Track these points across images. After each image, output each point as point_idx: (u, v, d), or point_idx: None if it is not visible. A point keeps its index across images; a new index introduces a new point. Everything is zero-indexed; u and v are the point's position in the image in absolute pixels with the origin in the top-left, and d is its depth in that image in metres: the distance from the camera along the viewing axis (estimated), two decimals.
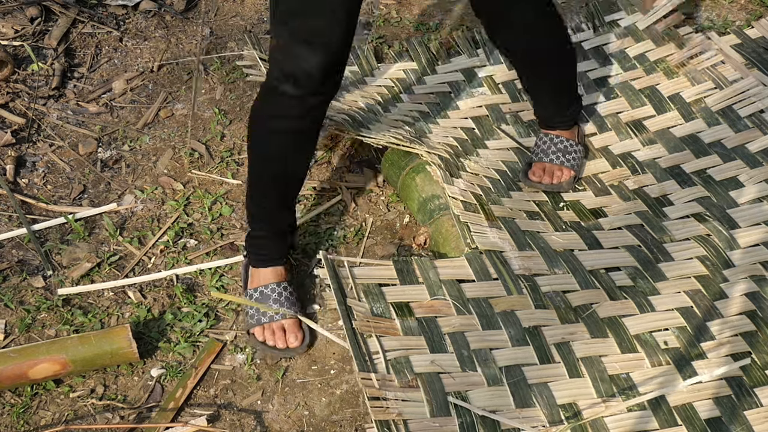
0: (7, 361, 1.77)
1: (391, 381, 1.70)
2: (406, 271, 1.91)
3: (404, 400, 1.67)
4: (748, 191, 2.15)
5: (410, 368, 1.73)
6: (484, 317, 1.84)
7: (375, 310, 1.82)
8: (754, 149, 2.26)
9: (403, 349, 1.75)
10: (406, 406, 1.67)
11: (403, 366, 1.73)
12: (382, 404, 1.66)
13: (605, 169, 2.26)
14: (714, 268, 1.96)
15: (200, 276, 2.05)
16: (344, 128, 2.19)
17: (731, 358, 1.79)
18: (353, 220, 2.20)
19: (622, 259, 1.99)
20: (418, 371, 1.72)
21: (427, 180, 2.14)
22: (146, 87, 2.57)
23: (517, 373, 1.74)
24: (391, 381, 1.70)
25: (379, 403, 1.66)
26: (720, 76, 2.47)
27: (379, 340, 1.76)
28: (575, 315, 1.86)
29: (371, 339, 1.76)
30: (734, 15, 2.80)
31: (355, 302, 1.82)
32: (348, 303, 1.81)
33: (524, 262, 1.95)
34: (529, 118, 2.40)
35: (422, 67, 2.58)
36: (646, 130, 2.35)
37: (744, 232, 2.05)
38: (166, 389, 1.83)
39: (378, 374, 1.70)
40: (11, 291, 2.01)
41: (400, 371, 1.72)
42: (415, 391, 1.69)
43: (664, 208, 2.13)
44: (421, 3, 2.93)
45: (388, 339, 1.77)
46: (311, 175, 2.31)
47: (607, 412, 1.69)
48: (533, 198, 2.17)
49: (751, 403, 1.72)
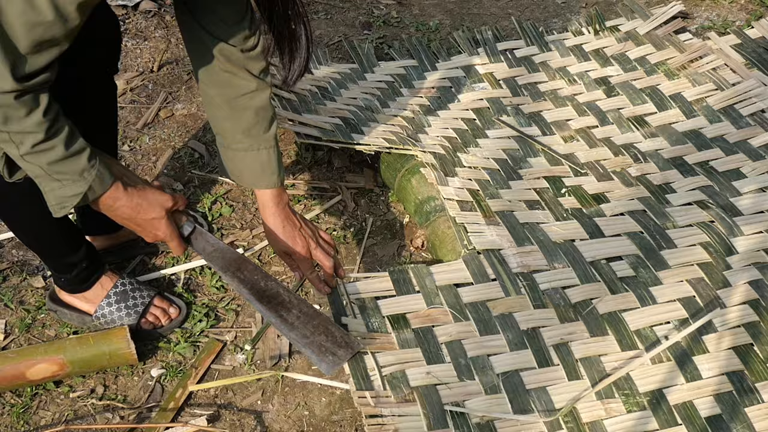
0: (5, 361, 1.77)
1: (387, 397, 1.69)
2: (402, 281, 1.90)
3: (401, 415, 1.66)
4: (750, 182, 2.16)
5: (406, 382, 1.71)
6: (481, 322, 1.83)
7: (371, 326, 1.81)
8: (756, 144, 2.27)
9: (399, 364, 1.74)
10: (402, 421, 1.65)
11: (400, 381, 1.71)
12: (379, 421, 1.65)
13: (607, 157, 2.27)
14: (717, 255, 1.96)
15: (200, 276, 2.05)
16: (335, 138, 2.17)
17: (733, 351, 1.79)
18: (353, 220, 2.20)
19: (623, 248, 1.99)
20: (414, 385, 1.71)
21: (423, 182, 2.14)
22: (146, 87, 2.57)
23: (515, 379, 1.73)
24: (388, 397, 1.69)
25: (376, 420, 1.65)
26: (721, 79, 2.48)
27: (374, 357, 1.74)
28: (575, 312, 1.85)
29: (367, 356, 1.75)
30: (734, 15, 2.80)
31: (351, 320, 1.81)
32: (343, 321, 1.80)
33: (523, 259, 1.95)
34: (530, 110, 2.41)
35: (422, 64, 2.59)
36: (648, 125, 2.36)
37: (747, 219, 2.05)
38: (166, 389, 1.83)
39: (373, 391, 1.69)
40: (11, 291, 2.01)
41: (396, 386, 1.71)
42: (411, 405, 1.68)
43: (667, 195, 2.13)
44: (421, 3, 2.93)
45: (383, 355, 1.75)
46: (311, 175, 2.30)
47: (605, 415, 1.69)
48: (534, 186, 2.17)
49: (752, 399, 1.71)
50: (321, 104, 2.36)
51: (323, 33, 2.80)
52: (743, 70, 2.50)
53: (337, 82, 2.49)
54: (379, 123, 2.31)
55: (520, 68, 2.57)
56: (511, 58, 2.61)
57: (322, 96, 2.41)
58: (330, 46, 2.74)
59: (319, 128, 2.18)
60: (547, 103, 2.45)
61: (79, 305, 1.89)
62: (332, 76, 2.51)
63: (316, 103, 2.35)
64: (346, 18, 2.87)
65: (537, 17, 2.86)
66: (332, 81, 2.48)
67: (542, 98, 2.47)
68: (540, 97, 2.48)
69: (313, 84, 2.45)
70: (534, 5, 2.93)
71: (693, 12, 2.85)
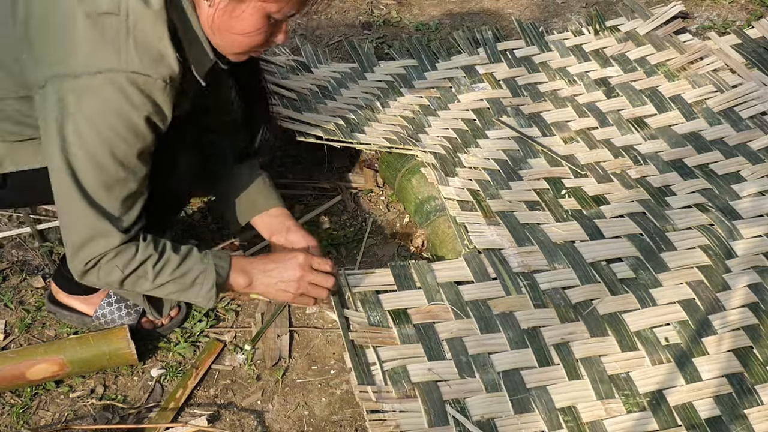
0: (5, 361, 1.77)
1: (388, 392, 1.69)
2: (403, 276, 1.90)
3: (402, 411, 1.67)
4: (750, 186, 2.17)
5: (408, 378, 1.72)
6: (482, 320, 1.83)
7: (372, 320, 1.82)
8: (756, 147, 2.28)
9: (400, 359, 1.74)
10: (403, 417, 1.66)
11: (401, 376, 1.72)
12: (380, 417, 1.65)
13: (607, 159, 2.27)
14: (717, 258, 1.97)
15: None
16: (335, 138, 2.17)
17: (732, 353, 1.79)
18: (353, 220, 2.20)
19: (623, 250, 1.99)
20: (415, 381, 1.71)
21: (423, 181, 2.14)
22: None
23: (516, 378, 1.74)
24: (389, 392, 1.69)
25: (377, 415, 1.65)
26: (721, 80, 2.48)
27: (376, 351, 1.75)
28: (575, 313, 1.85)
29: (369, 350, 1.75)
30: (734, 15, 2.81)
31: (353, 313, 1.81)
32: (345, 314, 1.80)
33: (523, 259, 1.95)
34: (530, 111, 2.41)
35: (423, 64, 2.59)
36: (648, 126, 2.37)
37: (746, 223, 2.06)
38: (166, 389, 1.83)
39: (375, 386, 1.69)
40: (11, 291, 2.01)
41: (397, 382, 1.71)
42: (412, 401, 1.68)
43: (666, 197, 2.14)
44: (421, 3, 2.93)
45: (385, 349, 1.76)
46: (311, 175, 2.30)
47: (605, 415, 1.69)
48: (534, 187, 2.17)
49: (751, 401, 1.71)
50: (321, 103, 2.36)
51: (323, 33, 2.80)
52: (743, 71, 2.50)
53: (337, 81, 2.49)
54: (379, 123, 2.31)
55: (520, 68, 2.57)
56: (511, 58, 2.61)
57: (322, 95, 2.41)
58: (330, 46, 2.74)
59: (319, 127, 2.18)
60: (547, 103, 2.45)
61: (78, 306, 1.89)
62: (332, 75, 2.51)
63: (316, 102, 2.35)
64: (346, 18, 2.87)
65: (537, 17, 2.86)
66: (332, 80, 2.48)
67: (542, 99, 2.47)
68: (540, 97, 2.48)
69: (313, 83, 2.45)
70: (534, 5, 2.93)
71: (693, 12, 2.85)
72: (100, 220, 1.47)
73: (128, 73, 1.39)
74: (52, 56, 1.41)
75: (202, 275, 1.59)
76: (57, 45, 1.40)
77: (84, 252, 1.51)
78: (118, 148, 1.43)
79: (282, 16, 1.47)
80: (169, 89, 1.43)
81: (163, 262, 1.56)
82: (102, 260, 1.52)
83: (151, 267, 1.54)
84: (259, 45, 1.51)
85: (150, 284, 1.57)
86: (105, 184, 1.45)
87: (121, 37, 1.38)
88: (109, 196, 1.47)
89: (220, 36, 1.48)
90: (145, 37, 1.40)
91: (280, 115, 2.19)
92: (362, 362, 1.73)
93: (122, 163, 1.45)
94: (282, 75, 2.45)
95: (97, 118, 1.41)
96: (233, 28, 1.46)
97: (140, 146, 1.46)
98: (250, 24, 1.45)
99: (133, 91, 1.40)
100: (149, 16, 1.40)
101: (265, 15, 1.45)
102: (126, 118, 1.41)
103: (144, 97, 1.41)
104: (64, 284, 1.87)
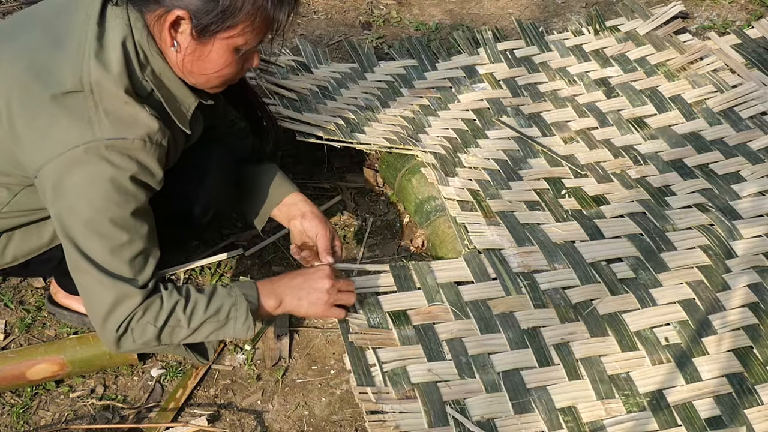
0: (5, 361, 1.77)
1: (388, 393, 1.69)
2: (403, 277, 1.90)
3: (402, 412, 1.66)
4: (750, 186, 2.17)
5: (407, 379, 1.72)
6: (482, 320, 1.83)
7: (372, 321, 1.81)
8: (756, 147, 2.28)
9: (400, 360, 1.74)
10: (403, 418, 1.66)
11: (401, 377, 1.72)
12: (380, 418, 1.65)
13: (607, 159, 2.27)
14: (717, 258, 1.97)
15: (200, 276, 2.05)
16: (335, 138, 2.17)
17: (732, 353, 1.79)
18: (353, 220, 2.20)
19: (623, 250, 1.99)
20: (415, 381, 1.71)
21: (423, 181, 2.14)
22: None
23: (516, 378, 1.74)
24: (388, 393, 1.69)
25: (377, 416, 1.65)
26: (721, 81, 2.48)
27: (375, 353, 1.75)
28: (575, 313, 1.85)
29: (368, 351, 1.75)
30: (734, 15, 2.81)
31: (352, 314, 1.81)
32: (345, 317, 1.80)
33: (523, 259, 1.95)
34: (530, 111, 2.41)
35: (423, 64, 2.59)
36: (648, 126, 2.37)
37: (746, 223, 2.06)
38: (166, 389, 1.83)
39: (375, 387, 1.69)
40: (11, 291, 2.01)
41: (397, 383, 1.71)
42: (412, 402, 1.68)
43: (666, 197, 2.14)
44: (421, 3, 2.93)
45: (385, 350, 1.76)
46: (311, 175, 2.30)
47: (606, 415, 1.69)
48: (534, 187, 2.17)
49: (751, 401, 1.72)
50: (321, 103, 2.36)
51: (323, 33, 2.80)
52: (743, 71, 2.50)
53: (337, 81, 2.49)
54: (380, 123, 2.31)
55: (520, 68, 2.57)
56: (511, 58, 2.61)
57: (322, 95, 2.41)
58: (330, 46, 2.74)
59: (319, 127, 2.18)
60: (547, 103, 2.45)
61: (78, 307, 1.89)
62: (332, 75, 2.51)
63: (316, 102, 2.35)
64: (346, 18, 2.87)
65: (537, 17, 2.86)
66: (332, 80, 2.48)
67: (542, 99, 2.47)
68: (540, 97, 2.48)
69: (313, 83, 2.45)
70: (534, 5, 2.93)
71: (693, 12, 2.85)
72: (117, 285, 1.48)
73: (104, 140, 1.41)
74: (36, 147, 1.44)
75: (234, 308, 1.58)
76: (38, 135, 1.43)
77: (111, 320, 1.51)
78: (113, 213, 1.45)
79: (249, 47, 1.48)
80: (150, 146, 1.45)
81: (192, 304, 1.55)
82: (132, 322, 1.52)
83: (182, 312, 1.54)
84: (234, 76, 1.53)
85: (186, 330, 1.56)
86: (111, 250, 1.47)
87: (91, 110, 1.41)
88: (118, 261, 1.48)
89: (193, 78, 1.51)
90: (113, 105, 1.43)
91: (280, 115, 2.19)
92: (362, 364, 1.73)
93: (121, 226, 1.46)
94: (282, 75, 2.45)
95: (85, 189, 1.43)
96: (204, 68, 1.48)
97: (134, 206, 1.47)
98: (220, 62, 1.47)
99: (114, 156, 1.42)
100: (111, 84, 1.42)
101: (232, 50, 1.46)
102: (113, 181, 1.43)
103: (126, 158, 1.43)
104: (64, 284, 1.87)
